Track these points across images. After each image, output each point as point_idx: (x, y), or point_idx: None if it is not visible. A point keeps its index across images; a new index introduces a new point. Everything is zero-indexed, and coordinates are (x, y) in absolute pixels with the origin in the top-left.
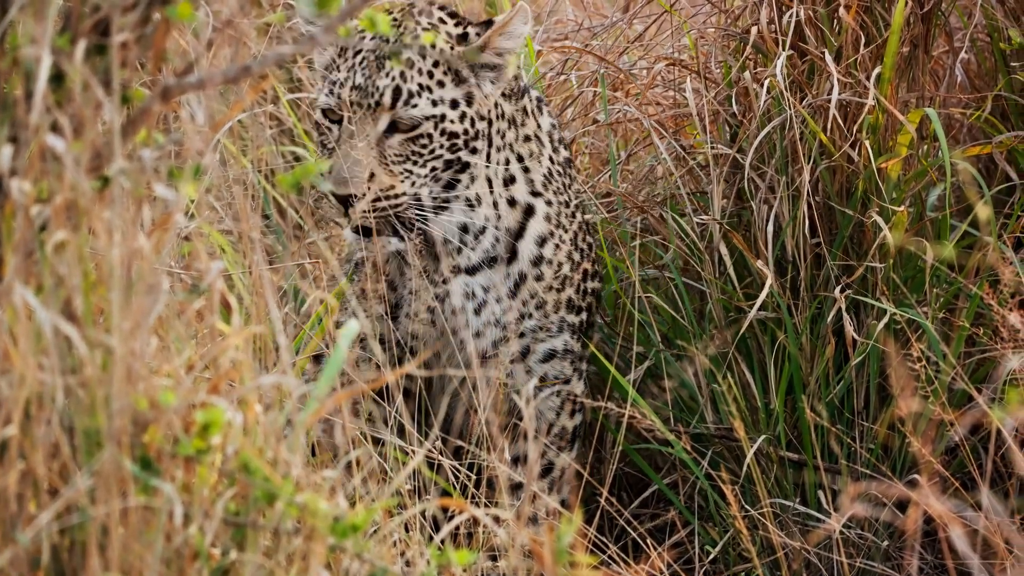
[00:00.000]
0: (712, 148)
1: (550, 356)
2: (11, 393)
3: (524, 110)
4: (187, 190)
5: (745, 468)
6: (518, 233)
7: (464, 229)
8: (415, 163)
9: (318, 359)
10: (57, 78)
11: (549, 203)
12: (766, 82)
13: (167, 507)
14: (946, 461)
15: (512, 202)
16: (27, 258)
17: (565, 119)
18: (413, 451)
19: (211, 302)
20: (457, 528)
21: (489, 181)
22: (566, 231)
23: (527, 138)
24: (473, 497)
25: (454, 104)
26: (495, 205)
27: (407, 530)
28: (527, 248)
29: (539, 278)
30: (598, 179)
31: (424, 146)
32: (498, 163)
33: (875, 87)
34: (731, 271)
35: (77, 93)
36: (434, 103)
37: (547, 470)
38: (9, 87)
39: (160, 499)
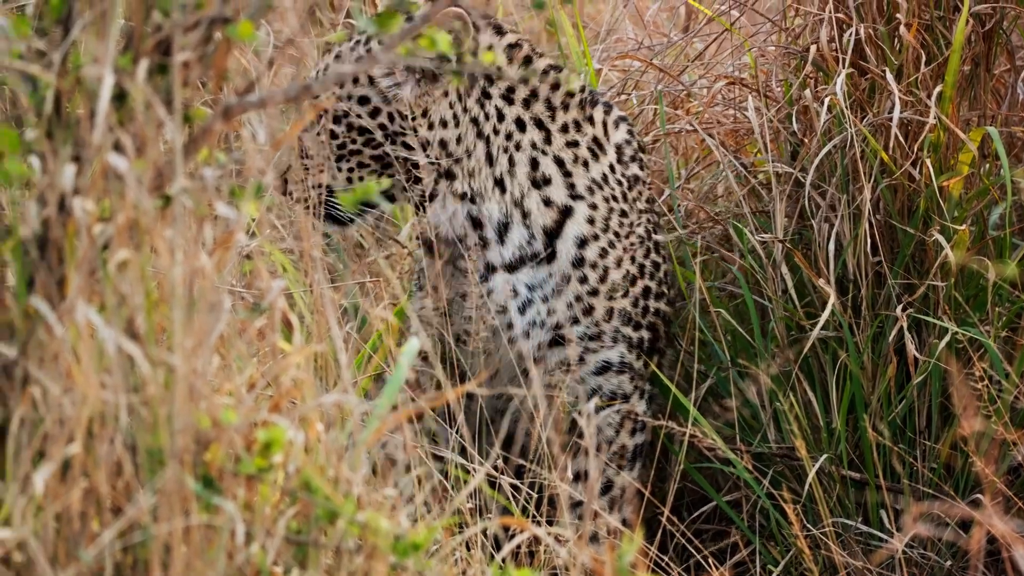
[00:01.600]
0: (773, 167)
1: (604, 368)
2: (74, 412)
3: (575, 119)
4: (248, 209)
5: (807, 487)
6: (555, 232)
7: (475, 223)
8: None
9: (379, 378)
10: (119, 97)
11: (594, 207)
12: (826, 100)
13: (229, 525)
14: (1009, 481)
15: (548, 202)
16: (90, 277)
17: None
18: (474, 469)
19: (272, 321)
20: (518, 547)
21: (498, 179)
22: (618, 238)
23: (572, 143)
24: (534, 516)
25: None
26: (517, 203)
27: (468, 549)
28: (566, 248)
29: (583, 280)
30: (662, 199)
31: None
32: (500, 162)
33: (936, 105)
34: (792, 290)
35: (139, 112)
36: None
37: (607, 488)
38: (72, 106)
39: (222, 517)
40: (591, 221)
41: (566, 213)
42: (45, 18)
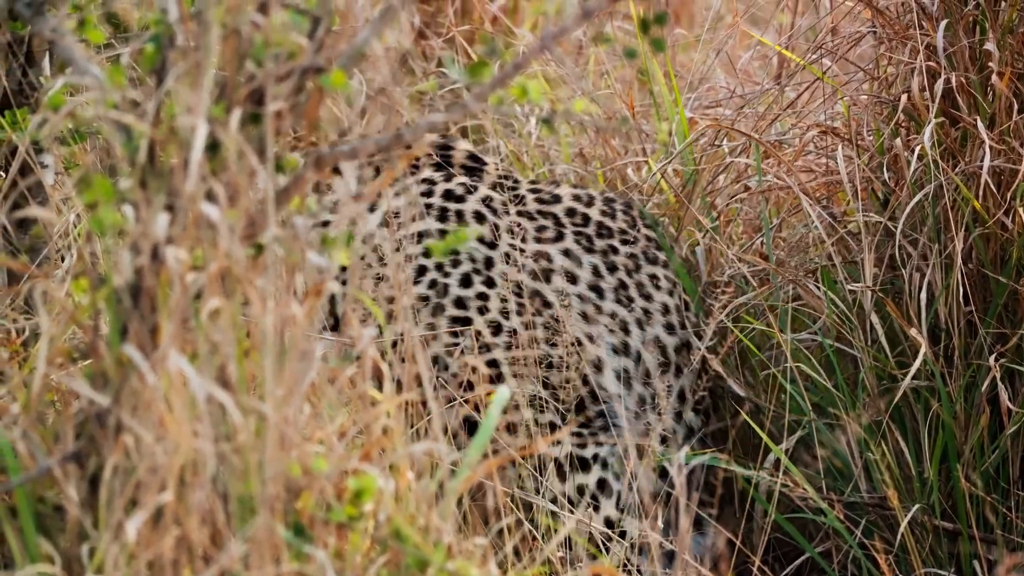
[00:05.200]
0: (864, 216)
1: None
2: (167, 460)
3: None
4: (339, 257)
5: (899, 537)
6: None
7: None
8: None
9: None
10: (212, 147)
11: None
12: (917, 149)
13: (320, 574)
14: None
15: None
16: (182, 325)
17: (717, 185)
18: (564, 518)
19: (363, 369)
20: None
21: None
22: None
23: None
24: (625, 565)
25: None
26: None
27: None
28: None
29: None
30: (750, 245)
31: None
32: None
33: None
34: (883, 339)
35: (232, 162)
36: None
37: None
38: (165, 156)
39: (313, 566)
40: None
41: None
42: (140, 68)
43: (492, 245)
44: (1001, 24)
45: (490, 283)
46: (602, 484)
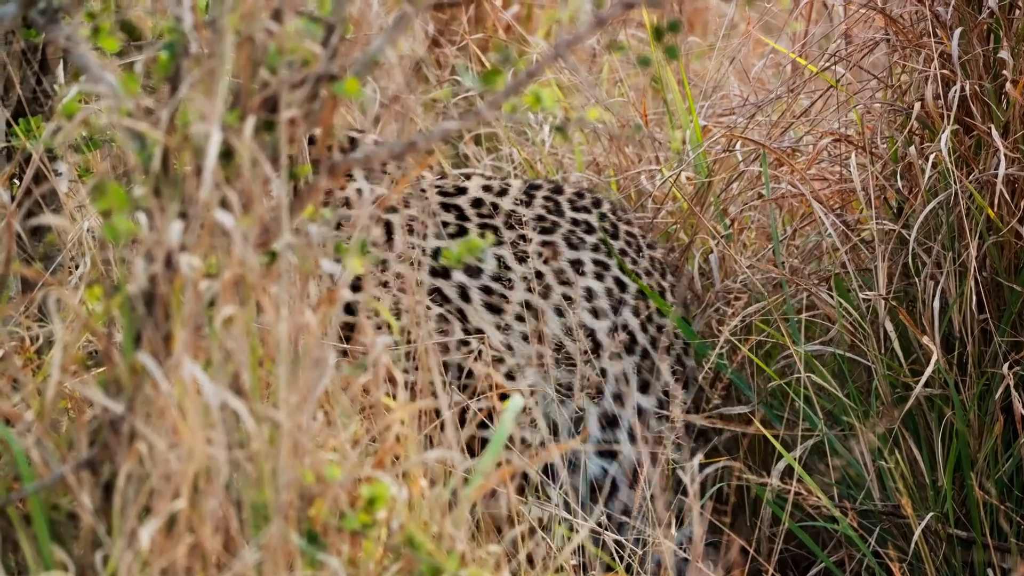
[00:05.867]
0: (877, 224)
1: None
2: (180, 467)
3: None
4: (353, 265)
5: (913, 546)
6: None
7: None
8: None
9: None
10: (226, 154)
11: None
12: (931, 157)
13: None
14: None
15: None
16: (196, 333)
17: (731, 193)
18: (578, 526)
19: (376, 377)
20: None
21: None
22: None
23: None
24: (638, 573)
25: None
26: None
27: None
28: None
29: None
30: (762, 254)
31: None
32: None
33: None
34: (897, 347)
35: (246, 169)
36: None
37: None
38: (179, 163)
39: (326, 573)
40: None
41: None
42: (154, 76)
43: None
44: (1015, 32)
45: (384, 285)
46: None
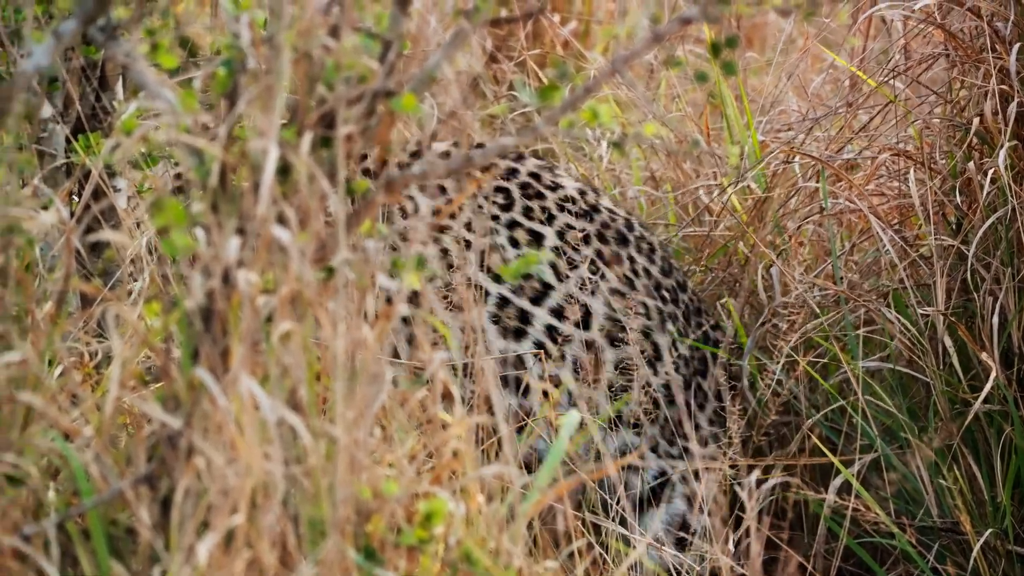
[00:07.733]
0: (936, 239)
1: None
2: (238, 482)
3: None
4: (410, 280)
5: (972, 562)
6: None
7: None
8: None
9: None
10: (283, 170)
11: None
12: (990, 172)
13: None
14: None
15: None
16: (253, 348)
17: (789, 208)
18: (635, 541)
19: (434, 392)
20: None
21: None
22: None
23: None
24: None
25: None
26: None
27: None
28: None
29: None
30: (821, 270)
31: None
32: None
33: None
34: (956, 363)
35: (303, 185)
36: None
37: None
38: (237, 179)
39: None
40: None
41: None
42: (212, 92)
43: None
44: None
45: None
46: None
